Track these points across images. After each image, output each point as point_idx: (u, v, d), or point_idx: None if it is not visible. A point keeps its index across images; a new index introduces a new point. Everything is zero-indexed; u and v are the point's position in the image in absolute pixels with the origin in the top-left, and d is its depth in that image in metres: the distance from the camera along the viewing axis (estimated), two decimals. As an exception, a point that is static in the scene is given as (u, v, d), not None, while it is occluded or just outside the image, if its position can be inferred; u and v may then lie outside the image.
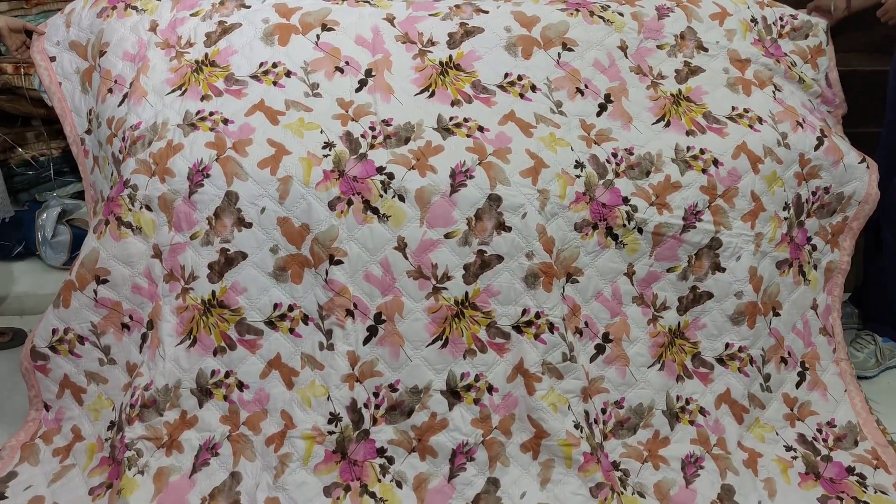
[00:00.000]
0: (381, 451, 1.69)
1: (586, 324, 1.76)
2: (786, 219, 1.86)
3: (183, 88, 1.81)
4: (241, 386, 1.73)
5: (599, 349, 1.76)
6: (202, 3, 1.95)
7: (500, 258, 1.70)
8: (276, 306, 1.72)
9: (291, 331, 1.73)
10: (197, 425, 1.72)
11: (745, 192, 1.80)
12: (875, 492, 1.70)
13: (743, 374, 1.81)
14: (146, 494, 1.63)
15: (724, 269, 1.79)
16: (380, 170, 1.70)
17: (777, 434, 1.82)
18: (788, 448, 1.80)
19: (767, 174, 1.83)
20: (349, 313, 1.70)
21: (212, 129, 1.74)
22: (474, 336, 1.70)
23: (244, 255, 1.71)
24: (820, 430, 1.84)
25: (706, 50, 1.97)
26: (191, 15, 1.92)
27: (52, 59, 1.97)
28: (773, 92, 1.95)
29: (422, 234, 1.69)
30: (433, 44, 1.87)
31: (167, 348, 1.72)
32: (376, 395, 1.70)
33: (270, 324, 1.72)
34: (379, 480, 1.67)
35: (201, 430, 1.71)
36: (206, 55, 1.85)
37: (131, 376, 1.73)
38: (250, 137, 1.73)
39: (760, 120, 1.88)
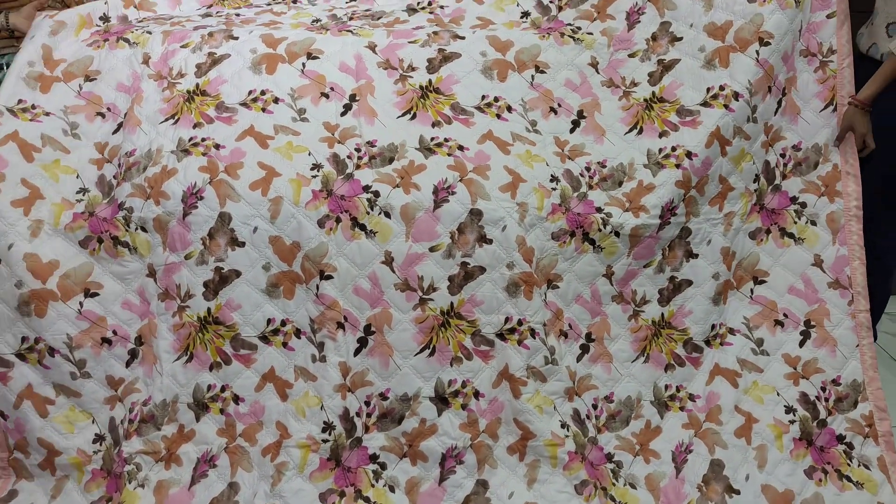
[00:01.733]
0: (373, 458, 1.75)
1: (570, 326, 1.82)
2: (755, 190, 1.91)
3: (176, 118, 1.88)
4: (236, 399, 1.79)
5: (584, 349, 1.83)
6: (192, 36, 2.02)
7: (482, 269, 1.78)
8: (269, 321, 1.79)
9: (285, 344, 1.79)
10: (195, 439, 1.77)
11: (713, 178, 1.87)
12: (859, 464, 1.75)
13: (726, 345, 1.86)
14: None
15: (696, 255, 1.86)
16: (366, 188, 1.78)
17: (779, 394, 1.83)
18: (789, 409, 1.82)
19: (735, 154, 1.88)
20: (340, 326, 1.77)
21: (204, 154, 1.81)
22: (460, 344, 1.78)
23: (238, 273, 1.78)
24: (824, 389, 1.84)
25: (680, 39, 1.99)
26: (181, 47, 2.00)
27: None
28: (757, 52, 1.91)
29: (407, 249, 1.77)
30: (413, 69, 1.96)
31: (165, 364, 1.78)
32: (367, 403, 1.77)
33: (264, 338, 1.79)
34: (372, 485, 1.73)
35: (199, 444, 1.77)
36: (198, 85, 1.92)
37: (115, 390, 1.76)
38: (241, 161, 1.80)
39: (737, 96, 1.88)
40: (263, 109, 1.89)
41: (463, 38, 2.00)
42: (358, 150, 1.84)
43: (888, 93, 1.91)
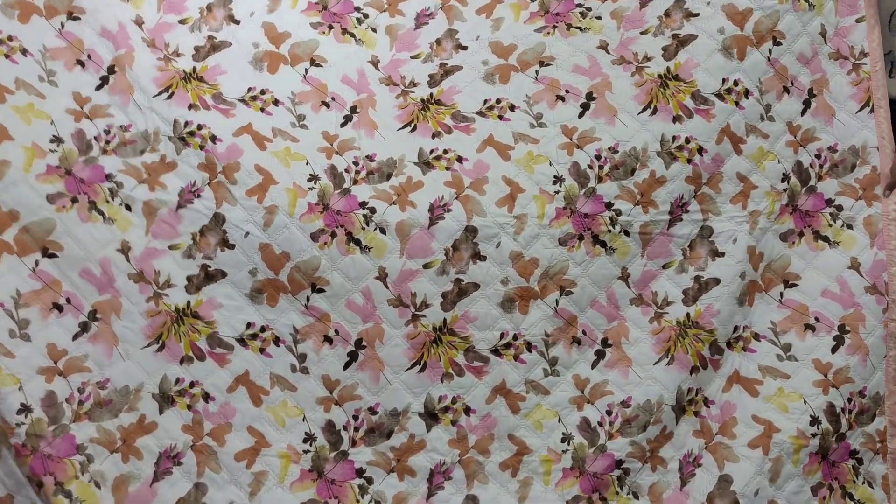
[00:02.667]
0: (359, 472, 1.68)
1: (584, 332, 1.80)
2: (785, 190, 1.89)
3: (170, 91, 1.79)
4: (206, 397, 1.66)
5: (600, 354, 1.80)
6: (189, 9, 1.92)
7: (476, 286, 1.79)
8: (248, 325, 1.72)
9: (262, 350, 1.71)
10: (155, 432, 1.61)
11: (730, 175, 1.88)
12: (863, 482, 1.74)
13: (749, 351, 1.81)
14: None
15: (723, 254, 1.83)
16: (362, 204, 1.79)
17: (805, 402, 1.75)
18: (814, 421, 1.75)
19: (752, 152, 1.88)
20: (327, 339, 1.74)
21: (202, 147, 1.76)
22: (451, 361, 1.77)
23: (224, 274, 1.73)
24: (850, 400, 1.79)
25: (696, 15, 1.97)
26: (179, 22, 1.90)
27: None
28: (770, 50, 1.94)
29: (402, 265, 1.77)
30: (415, 85, 1.97)
31: (131, 349, 1.64)
32: (356, 417, 1.71)
33: (241, 341, 1.71)
34: (357, 500, 1.66)
35: (160, 438, 1.61)
36: (195, 69, 1.85)
37: (55, 362, 1.57)
38: (238, 161, 1.76)
39: (747, 93, 1.90)
40: (262, 109, 1.85)
41: (465, 48, 1.99)
42: (356, 163, 1.84)
43: None
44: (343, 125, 1.88)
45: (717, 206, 1.85)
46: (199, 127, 1.78)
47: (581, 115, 1.88)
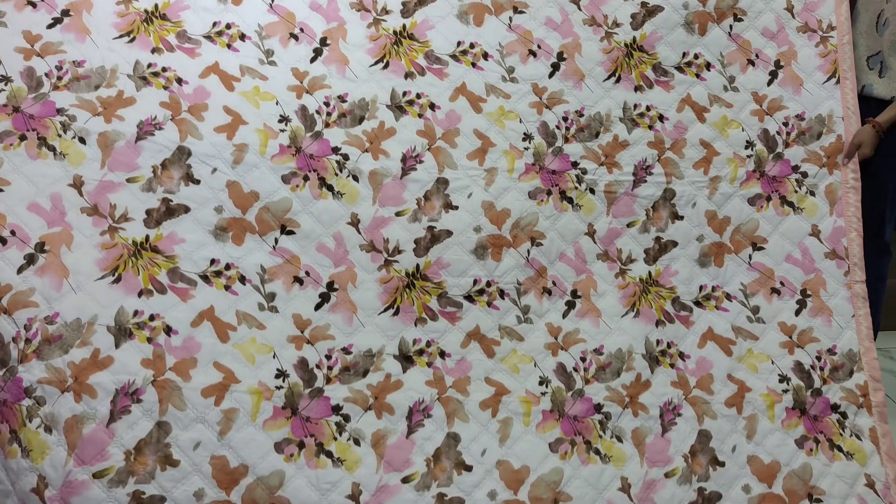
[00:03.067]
0: (336, 409, 1.57)
1: (554, 283, 1.83)
2: (749, 156, 1.95)
3: (132, 35, 1.74)
4: (168, 331, 1.53)
5: (570, 305, 1.82)
6: None
7: (449, 233, 1.79)
8: (212, 261, 1.62)
9: (227, 287, 1.62)
10: (112, 367, 1.46)
11: (693, 142, 1.98)
12: (851, 434, 1.78)
13: (722, 310, 1.87)
14: (60, 454, 1.38)
15: (682, 217, 1.92)
16: (335, 150, 1.78)
17: (773, 363, 1.84)
18: (783, 378, 1.82)
19: (716, 120, 1.96)
20: (297, 280, 1.67)
21: (165, 88, 1.71)
22: (425, 306, 1.73)
23: (187, 209, 1.65)
24: (819, 358, 1.83)
25: None
26: None
27: None
28: (730, 26, 2.03)
29: (374, 212, 1.76)
30: (387, 12, 1.94)
31: (83, 280, 1.51)
32: (329, 357, 1.62)
33: (205, 278, 1.61)
34: (335, 438, 1.55)
35: (117, 373, 1.46)
36: (157, 6, 1.79)
37: None
38: (206, 102, 1.73)
39: (708, 66, 2.03)
40: (229, 46, 1.80)
41: None
42: (327, 104, 1.81)
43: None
44: (313, 60, 1.84)
45: (679, 171, 1.95)
46: (164, 69, 1.72)
47: (551, 74, 1.97)
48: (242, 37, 1.81)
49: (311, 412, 1.56)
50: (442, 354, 1.71)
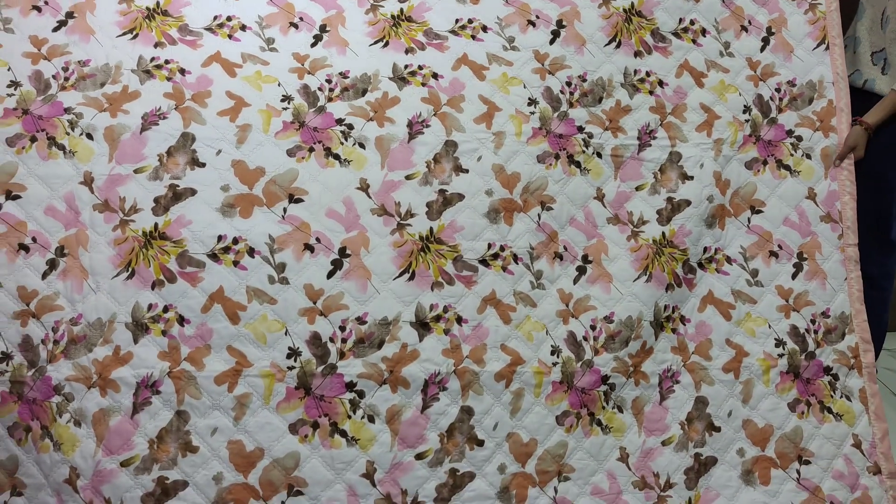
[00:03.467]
0: (350, 386, 1.58)
1: (565, 248, 1.78)
2: (747, 121, 1.97)
3: (134, 32, 1.76)
4: (181, 321, 1.58)
5: (581, 270, 1.78)
6: None
7: (461, 196, 1.74)
8: (219, 238, 1.63)
9: (236, 263, 1.62)
10: (132, 362, 1.54)
11: (693, 106, 1.93)
12: (841, 395, 1.79)
13: (722, 273, 1.85)
14: (90, 446, 1.49)
15: (691, 178, 1.87)
16: (339, 121, 1.76)
17: (770, 327, 1.83)
18: (779, 342, 1.82)
19: (714, 84, 1.96)
20: (307, 247, 1.65)
21: (169, 79, 1.73)
22: (441, 269, 1.69)
23: (193, 192, 1.66)
24: (814, 321, 1.86)
25: None
26: None
27: None
28: None
29: (383, 176, 1.73)
30: None
31: (101, 280, 1.57)
32: (343, 328, 1.61)
33: (213, 256, 1.62)
34: (349, 416, 1.57)
35: (137, 367, 1.53)
36: (158, 3, 1.80)
37: (27, 304, 1.54)
38: (209, 89, 1.73)
39: (704, 32, 2.01)
40: (230, 36, 1.80)
41: None
42: (329, 81, 1.79)
43: (875, 136, 2.01)
44: (313, 45, 1.82)
45: (683, 134, 1.91)
46: (167, 61, 1.74)
47: (552, 41, 1.93)
48: (243, 27, 1.81)
49: (325, 390, 1.58)
50: (459, 320, 1.67)
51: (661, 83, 1.93)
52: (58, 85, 1.68)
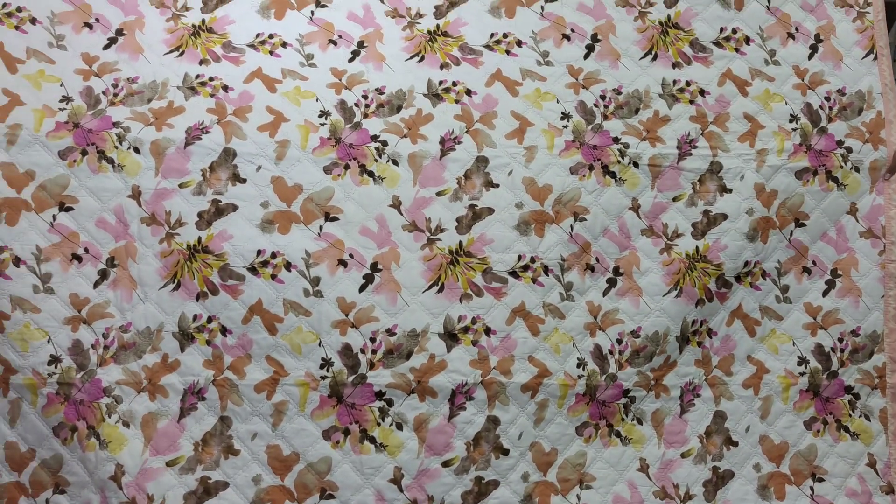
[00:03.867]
0: (379, 395, 1.67)
1: (597, 259, 1.81)
2: (794, 129, 1.91)
3: (181, 50, 1.83)
4: (224, 331, 1.67)
5: (611, 283, 1.80)
6: None
7: (490, 210, 1.78)
8: (258, 252, 1.71)
9: (273, 277, 1.70)
10: (179, 369, 1.64)
11: (736, 115, 1.91)
12: (860, 415, 1.79)
13: (755, 288, 1.85)
14: (137, 446, 1.60)
15: (730, 190, 1.86)
16: (374, 137, 1.81)
17: (794, 344, 1.83)
18: (801, 361, 1.82)
19: (758, 94, 1.93)
20: (341, 263, 1.72)
21: (212, 96, 1.80)
22: (469, 281, 1.74)
23: (235, 207, 1.73)
24: (841, 340, 1.84)
25: None
26: None
27: None
28: (768, 0, 2.02)
29: (415, 193, 1.78)
30: (421, 16, 1.96)
31: (149, 291, 1.67)
32: (373, 339, 1.69)
33: (252, 270, 1.70)
34: (378, 424, 1.65)
35: (184, 375, 1.64)
36: (204, 21, 1.87)
37: (79, 311, 1.64)
38: (250, 105, 1.80)
39: (748, 40, 1.98)
40: (271, 52, 1.86)
41: None
42: (365, 96, 1.84)
43: None
44: (351, 60, 1.88)
45: (725, 144, 1.89)
46: (211, 78, 1.81)
47: (586, 56, 1.93)
48: (284, 44, 1.87)
49: (356, 398, 1.66)
50: (487, 332, 1.73)
51: (702, 92, 1.91)
52: (107, 100, 1.76)
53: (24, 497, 1.58)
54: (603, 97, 1.89)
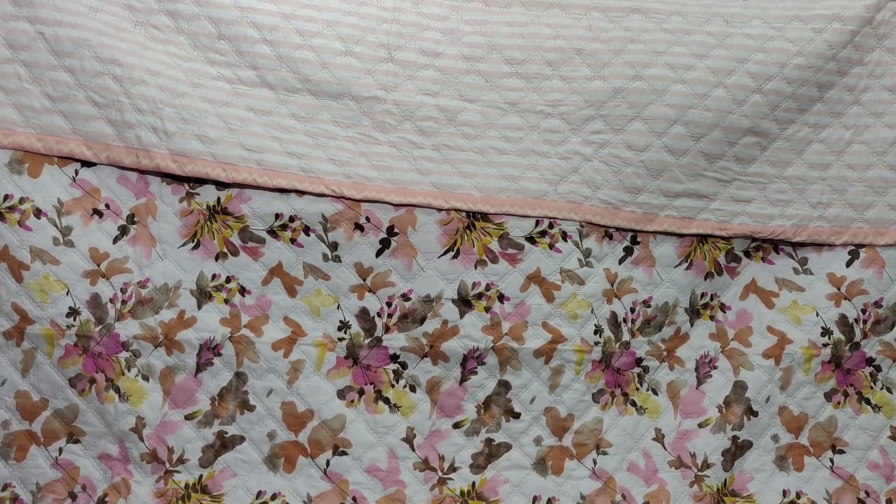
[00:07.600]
0: (393, 357, 1.70)
1: (617, 228, 1.79)
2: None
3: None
4: (242, 291, 1.70)
5: (628, 251, 1.78)
6: None
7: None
8: (277, 216, 1.70)
9: (293, 241, 1.71)
10: (195, 325, 1.66)
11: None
12: (882, 387, 1.76)
13: (767, 262, 1.81)
14: (157, 399, 1.63)
15: (756, 413, 1.76)
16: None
17: (818, 315, 1.77)
18: (825, 332, 1.76)
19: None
20: (357, 227, 1.72)
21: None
22: (485, 247, 1.74)
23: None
24: (864, 311, 1.77)
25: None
26: None
27: None
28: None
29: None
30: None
31: (168, 249, 1.69)
32: (389, 304, 1.72)
33: (272, 233, 1.71)
34: (392, 385, 1.68)
35: (200, 331, 1.66)
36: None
37: (98, 265, 1.63)
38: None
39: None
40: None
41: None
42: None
43: None
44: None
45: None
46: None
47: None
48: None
49: (371, 360, 1.69)
50: (501, 298, 1.74)
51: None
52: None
53: (36, 445, 1.60)
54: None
